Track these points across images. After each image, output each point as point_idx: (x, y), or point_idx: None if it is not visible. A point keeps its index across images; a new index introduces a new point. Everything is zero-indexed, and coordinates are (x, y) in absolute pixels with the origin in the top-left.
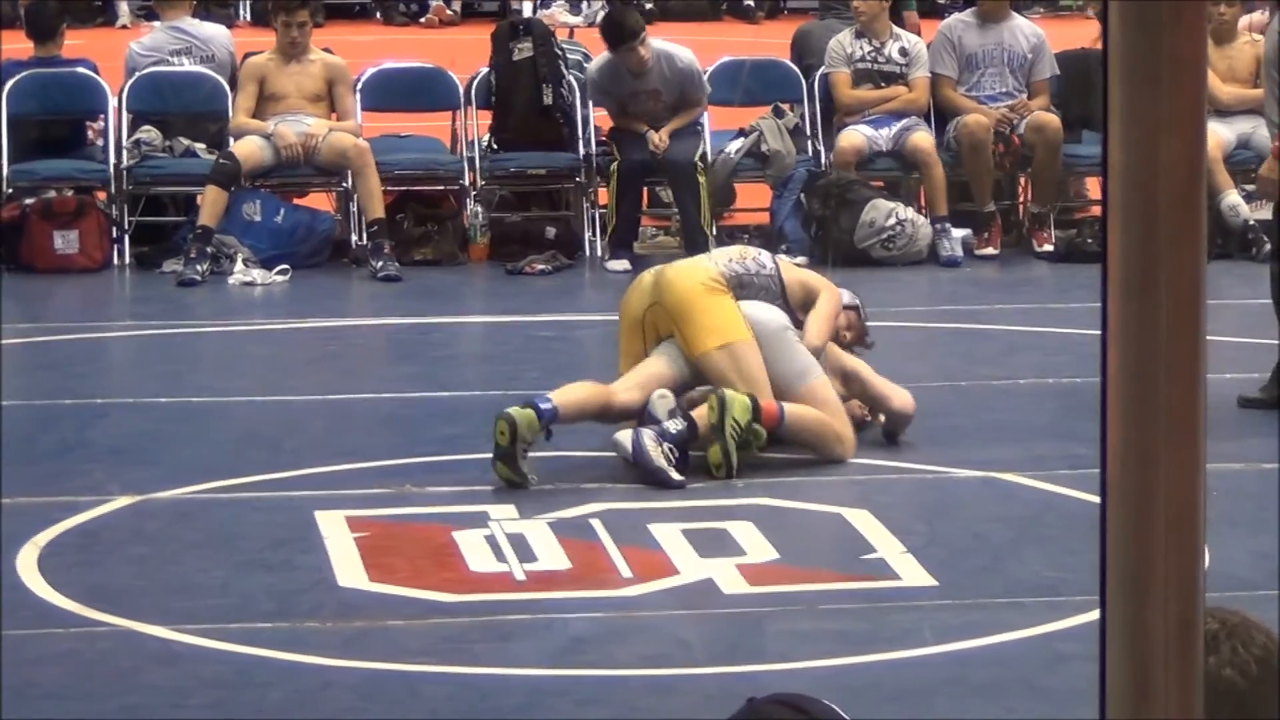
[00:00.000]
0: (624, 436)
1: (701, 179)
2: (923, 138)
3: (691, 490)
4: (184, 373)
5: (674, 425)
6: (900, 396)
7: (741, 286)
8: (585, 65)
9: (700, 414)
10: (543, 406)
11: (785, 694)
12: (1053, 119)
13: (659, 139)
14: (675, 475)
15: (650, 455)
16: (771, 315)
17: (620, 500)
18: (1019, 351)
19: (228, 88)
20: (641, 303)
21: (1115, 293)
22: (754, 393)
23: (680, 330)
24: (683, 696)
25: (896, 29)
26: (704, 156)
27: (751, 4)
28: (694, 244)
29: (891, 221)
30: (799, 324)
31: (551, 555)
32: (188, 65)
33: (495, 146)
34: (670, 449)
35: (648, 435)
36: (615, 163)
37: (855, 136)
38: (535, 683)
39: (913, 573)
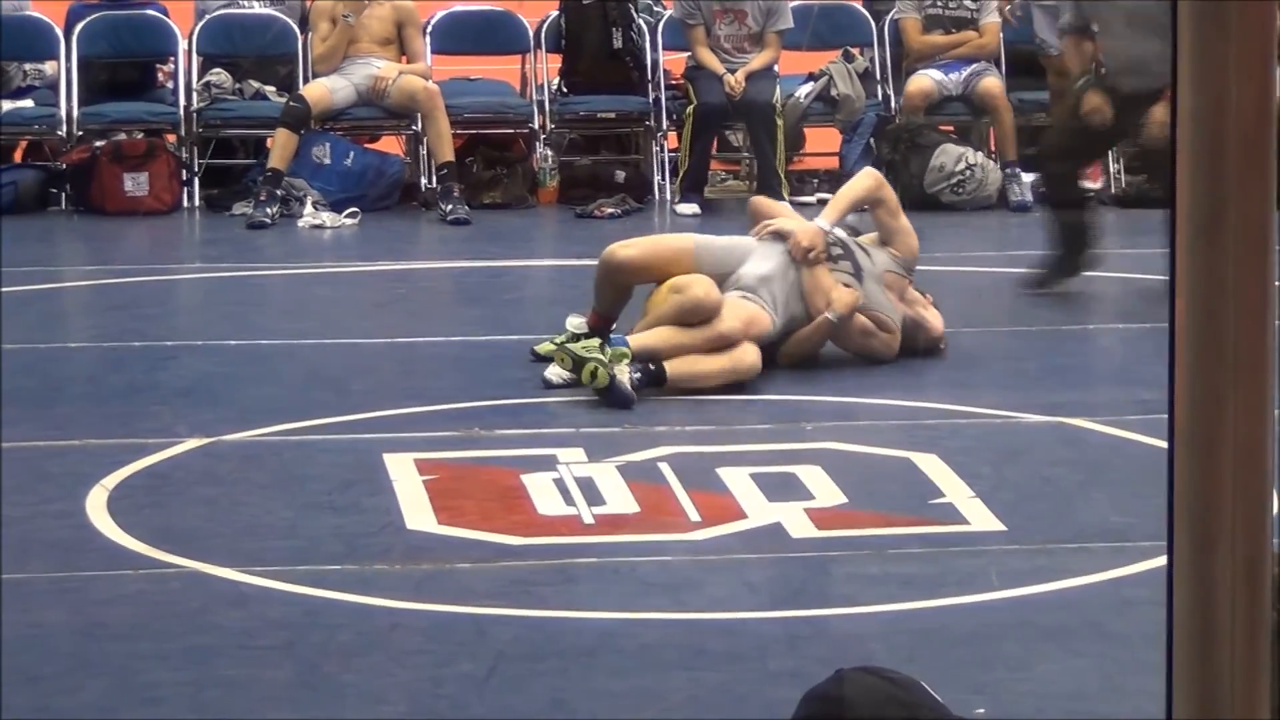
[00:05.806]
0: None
1: (779, 121)
2: (993, 82)
3: (760, 434)
4: (253, 315)
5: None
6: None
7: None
8: (654, 9)
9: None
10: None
11: (871, 666)
12: None
13: (736, 80)
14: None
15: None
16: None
17: (688, 444)
18: (1086, 296)
19: (297, 30)
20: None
21: (1183, 236)
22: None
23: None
24: (750, 639)
25: None
26: (777, 100)
27: None
28: (768, 187)
29: (961, 166)
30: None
31: (620, 498)
32: (258, 7)
33: (565, 90)
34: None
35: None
36: (691, 106)
37: (925, 81)
38: (602, 625)
39: (981, 517)
